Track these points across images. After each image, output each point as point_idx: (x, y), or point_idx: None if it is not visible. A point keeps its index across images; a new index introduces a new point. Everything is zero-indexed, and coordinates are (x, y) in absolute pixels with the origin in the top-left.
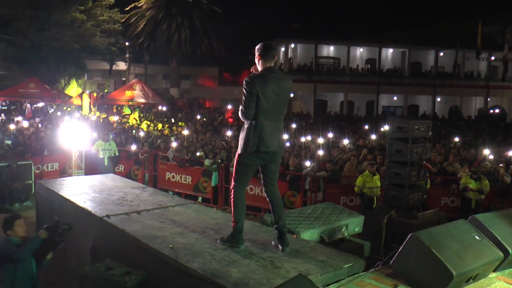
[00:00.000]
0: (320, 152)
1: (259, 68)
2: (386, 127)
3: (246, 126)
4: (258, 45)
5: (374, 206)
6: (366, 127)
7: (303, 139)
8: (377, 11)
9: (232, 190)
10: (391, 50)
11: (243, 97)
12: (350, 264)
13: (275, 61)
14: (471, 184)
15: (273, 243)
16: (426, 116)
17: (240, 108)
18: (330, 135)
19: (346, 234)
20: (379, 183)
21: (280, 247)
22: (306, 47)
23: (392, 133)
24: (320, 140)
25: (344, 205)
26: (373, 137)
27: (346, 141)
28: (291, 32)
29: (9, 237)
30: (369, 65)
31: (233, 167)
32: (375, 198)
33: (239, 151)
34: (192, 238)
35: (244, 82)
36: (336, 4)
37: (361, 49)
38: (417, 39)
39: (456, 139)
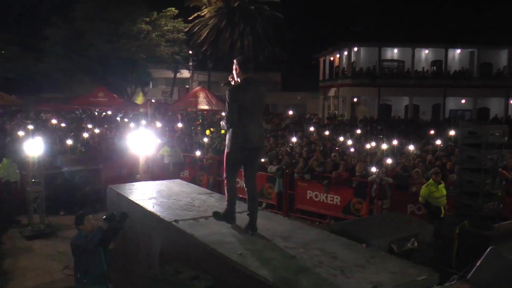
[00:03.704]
0: (388, 159)
1: (238, 78)
2: (453, 132)
3: (231, 129)
4: (238, 58)
5: (441, 216)
6: (432, 132)
7: (368, 146)
8: (442, 11)
9: (225, 180)
10: (458, 51)
11: (227, 106)
12: (424, 277)
13: (252, 71)
14: None
15: (244, 228)
16: (498, 119)
17: (224, 116)
18: (395, 141)
19: (416, 245)
20: (445, 192)
21: (250, 232)
22: (369, 51)
23: (463, 138)
24: (385, 146)
25: (411, 214)
26: (438, 142)
27: (411, 147)
28: (354, 36)
29: (80, 231)
30: (435, 67)
31: (296, 173)
32: (442, 207)
33: (227, 150)
34: (260, 245)
35: (227, 93)
36: (399, 5)
37: (426, 51)
38: (487, 38)
39: None
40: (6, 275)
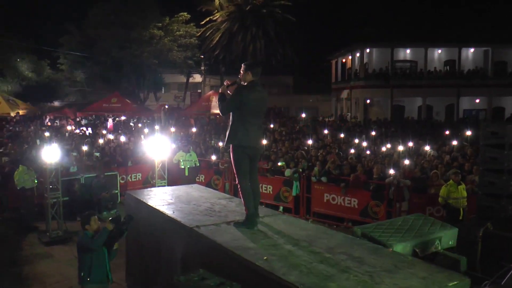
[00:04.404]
0: (405, 161)
1: (245, 80)
2: (469, 132)
3: (231, 124)
4: (248, 62)
5: (460, 218)
6: (447, 132)
7: (383, 148)
8: (454, 9)
9: (238, 184)
10: (472, 50)
11: (230, 98)
12: (455, 282)
13: (259, 76)
14: None
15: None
16: None
17: (222, 105)
18: (410, 143)
19: (439, 248)
20: (465, 193)
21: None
22: (381, 51)
23: (485, 139)
24: (401, 148)
25: (430, 216)
26: (455, 143)
27: (427, 148)
28: (366, 37)
29: (86, 231)
30: (448, 67)
31: (313, 176)
32: (461, 209)
33: (231, 147)
34: (285, 250)
35: (234, 90)
36: (410, 5)
37: (439, 51)
38: (502, 36)
39: None
40: (25, 281)
